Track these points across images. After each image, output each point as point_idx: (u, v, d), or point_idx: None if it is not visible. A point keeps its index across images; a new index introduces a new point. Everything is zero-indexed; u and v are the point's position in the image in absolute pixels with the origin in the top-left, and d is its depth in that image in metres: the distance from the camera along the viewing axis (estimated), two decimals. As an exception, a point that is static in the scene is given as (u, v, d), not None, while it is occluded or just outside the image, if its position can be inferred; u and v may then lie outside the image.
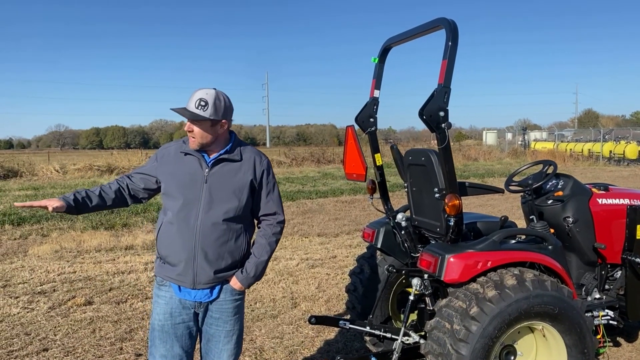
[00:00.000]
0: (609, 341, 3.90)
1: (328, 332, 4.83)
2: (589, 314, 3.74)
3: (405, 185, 4.03)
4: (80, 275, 6.79)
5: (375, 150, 4.05)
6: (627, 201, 4.09)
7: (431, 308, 3.43)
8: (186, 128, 2.63)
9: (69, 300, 5.76)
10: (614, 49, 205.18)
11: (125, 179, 2.84)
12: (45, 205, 2.57)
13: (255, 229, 2.89)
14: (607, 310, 3.91)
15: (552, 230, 3.95)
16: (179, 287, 2.71)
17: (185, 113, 2.59)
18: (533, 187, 4.17)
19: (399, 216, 3.96)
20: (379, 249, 4.15)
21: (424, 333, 3.38)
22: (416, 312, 3.81)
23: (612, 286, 4.07)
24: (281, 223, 2.85)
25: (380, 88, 4.00)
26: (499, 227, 3.75)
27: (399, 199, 12.24)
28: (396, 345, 3.41)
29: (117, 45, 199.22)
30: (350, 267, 5.84)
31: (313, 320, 3.76)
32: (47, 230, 9.96)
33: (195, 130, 2.62)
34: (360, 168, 3.88)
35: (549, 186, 4.21)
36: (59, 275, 6.80)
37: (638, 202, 4.10)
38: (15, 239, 9.30)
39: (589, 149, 33.16)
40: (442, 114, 2.99)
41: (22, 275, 6.76)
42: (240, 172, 2.72)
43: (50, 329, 4.93)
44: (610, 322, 3.90)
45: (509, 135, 45.58)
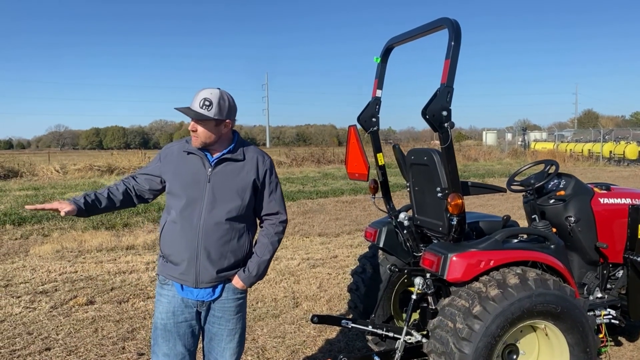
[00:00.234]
0: (610, 340, 3.90)
1: (330, 332, 4.83)
2: (591, 313, 3.75)
3: (407, 184, 4.03)
4: (81, 275, 6.79)
5: (378, 149, 4.06)
6: (628, 201, 4.10)
7: (433, 307, 3.43)
8: (190, 127, 2.64)
9: (71, 299, 5.77)
10: (614, 49, 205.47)
11: (131, 180, 2.85)
12: (57, 208, 2.58)
13: (257, 228, 2.89)
14: (609, 310, 3.92)
15: (554, 230, 3.97)
16: (182, 286, 2.71)
17: (189, 112, 2.59)
18: (535, 186, 4.18)
19: (401, 215, 3.97)
20: (381, 249, 4.15)
21: (426, 332, 3.39)
22: (418, 311, 3.81)
23: (614, 285, 4.08)
24: (283, 223, 2.86)
25: (382, 88, 4.01)
26: (501, 227, 3.76)
27: (399, 199, 12.24)
28: (399, 344, 3.41)
29: (116, 45, 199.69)
30: (351, 267, 5.84)
31: (315, 319, 3.76)
32: (48, 230, 9.97)
33: (199, 129, 2.63)
34: (362, 168, 3.89)
35: (550, 186, 4.22)
36: (60, 275, 6.81)
37: (639, 202, 4.11)
38: (16, 238, 9.30)
39: (589, 150, 33.19)
40: (445, 113, 3.00)
41: (23, 275, 6.77)
42: (243, 172, 2.72)
43: (53, 329, 4.93)
44: (612, 321, 3.92)
45: (509, 136, 45.63)
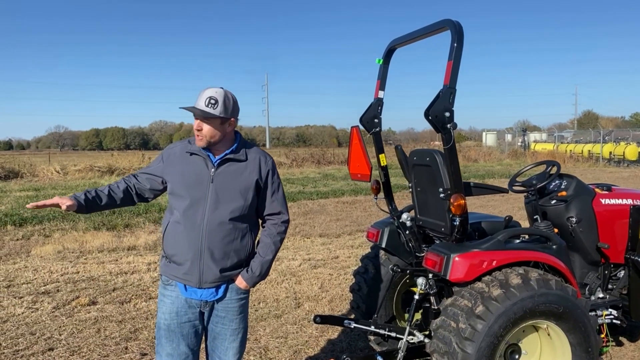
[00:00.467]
0: (612, 340, 3.92)
1: (332, 332, 4.85)
2: (593, 313, 3.77)
3: (409, 185, 4.05)
4: (83, 276, 6.81)
5: (380, 150, 4.07)
6: (630, 201, 4.12)
7: (436, 307, 3.45)
8: (195, 127, 2.65)
9: (73, 300, 5.78)
10: (613, 49, 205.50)
11: (132, 179, 2.87)
12: (57, 203, 2.60)
13: (259, 228, 2.91)
14: (610, 310, 3.94)
15: (555, 230, 3.98)
16: (185, 286, 2.73)
17: (195, 111, 2.61)
18: (537, 187, 4.19)
19: (403, 216, 3.98)
20: (383, 249, 4.17)
21: (428, 332, 3.40)
22: (421, 311, 3.82)
23: (615, 286, 4.09)
24: (286, 223, 2.88)
25: (384, 89, 4.03)
26: (503, 227, 3.78)
27: (400, 200, 12.25)
28: (401, 344, 3.43)
29: (116, 46, 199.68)
30: (353, 268, 5.86)
31: (318, 319, 3.77)
32: (49, 231, 9.97)
33: (205, 128, 2.64)
34: (365, 168, 3.90)
35: (552, 186, 4.24)
36: (62, 275, 6.82)
37: None
38: (17, 239, 9.31)
39: (589, 150, 33.20)
40: (447, 114, 3.01)
41: (25, 276, 6.78)
42: (246, 172, 2.74)
43: (55, 329, 4.94)
44: (614, 321, 3.93)
45: (509, 137, 45.66)
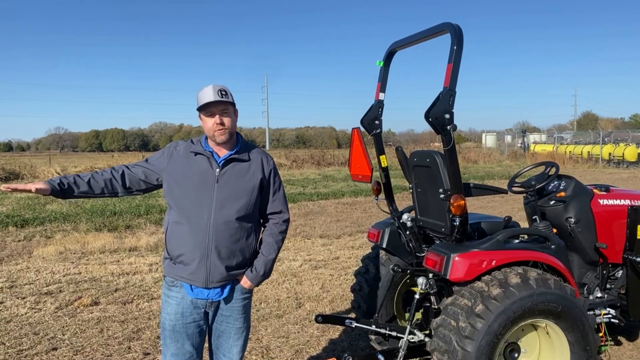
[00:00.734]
0: (610, 339, 3.96)
1: (333, 332, 4.89)
2: (591, 312, 3.81)
3: (410, 186, 4.09)
4: (85, 277, 6.85)
5: (381, 152, 4.11)
6: (627, 202, 4.16)
7: (436, 306, 3.48)
8: (216, 122, 2.69)
9: (76, 300, 5.82)
10: (613, 50, 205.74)
11: (123, 168, 2.83)
12: (30, 188, 2.56)
13: (261, 227, 2.96)
14: (608, 309, 3.98)
15: (554, 230, 4.03)
16: (191, 286, 2.75)
17: (218, 103, 2.67)
18: (536, 188, 4.23)
19: (404, 216, 4.02)
20: (384, 249, 4.21)
21: (429, 331, 3.45)
22: (421, 311, 3.86)
23: (613, 285, 4.14)
24: (287, 221, 2.94)
25: (385, 91, 4.07)
26: (503, 227, 3.82)
27: (400, 200, 12.28)
28: (402, 343, 3.47)
29: (116, 47, 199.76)
30: (353, 268, 5.90)
31: (320, 319, 3.81)
32: (50, 232, 10.01)
33: (226, 121, 2.72)
34: (366, 169, 3.95)
35: (551, 187, 4.28)
36: (64, 276, 6.86)
37: (638, 203, 4.17)
38: (19, 240, 9.35)
39: (589, 152, 33.23)
40: (447, 116, 3.06)
41: (27, 276, 6.82)
42: (250, 172, 2.79)
43: (59, 329, 4.98)
44: (612, 320, 3.98)
45: (509, 138, 45.71)
